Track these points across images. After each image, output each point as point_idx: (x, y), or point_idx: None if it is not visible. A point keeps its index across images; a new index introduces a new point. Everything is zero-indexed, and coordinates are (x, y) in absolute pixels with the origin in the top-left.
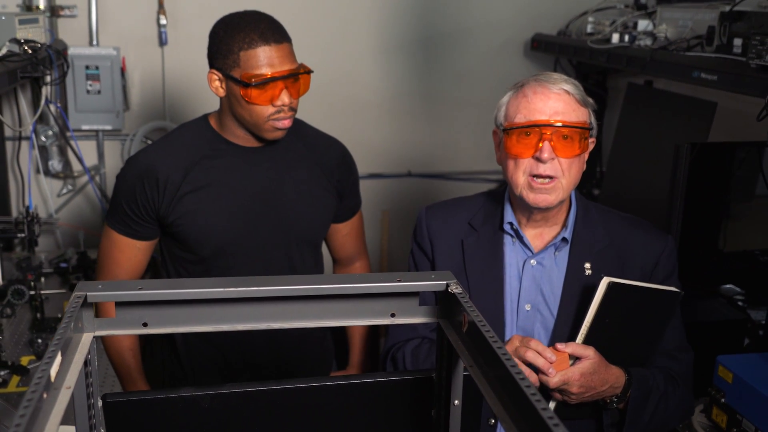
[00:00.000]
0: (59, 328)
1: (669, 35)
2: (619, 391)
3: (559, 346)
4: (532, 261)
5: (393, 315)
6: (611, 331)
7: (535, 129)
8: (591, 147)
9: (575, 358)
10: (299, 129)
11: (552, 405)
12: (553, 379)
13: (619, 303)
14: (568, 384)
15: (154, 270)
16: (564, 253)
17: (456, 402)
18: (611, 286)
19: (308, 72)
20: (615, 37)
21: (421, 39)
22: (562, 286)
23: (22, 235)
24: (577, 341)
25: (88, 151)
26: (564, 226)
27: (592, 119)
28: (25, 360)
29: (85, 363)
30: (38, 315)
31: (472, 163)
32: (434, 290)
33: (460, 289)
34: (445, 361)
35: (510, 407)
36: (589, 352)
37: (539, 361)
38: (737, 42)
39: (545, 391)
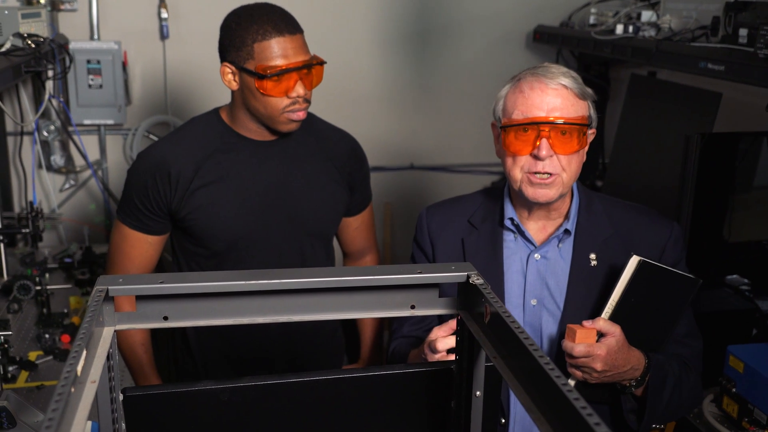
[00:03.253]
0: (83, 323)
1: (673, 26)
2: (639, 374)
3: (586, 323)
4: (535, 255)
5: (413, 307)
6: (634, 312)
7: (533, 126)
8: (591, 138)
9: (600, 336)
10: (311, 122)
11: (571, 383)
12: (578, 347)
13: (646, 283)
14: (592, 358)
15: (160, 269)
16: (568, 245)
17: (478, 393)
18: (641, 265)
19: (321, 63)
20: (619, 28)
21: (424, 31)
22: (568, 278)
23: (27, 230)
24: (602, 317)
25: (90, 145)
26: (566, 218)
27: (592, 111)
28: (32, 355)
29: (108, 357)
30: (44, 310)
31: (474, 156)
32: (455, 281)
33: (481, 281)
34: (466, 352)
35: (537, 398)
36: (616, 329)
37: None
38: (743, 32)
39: (563, 370)
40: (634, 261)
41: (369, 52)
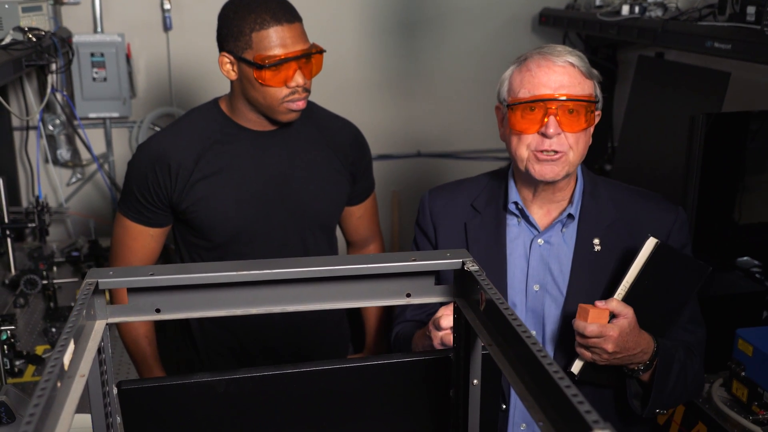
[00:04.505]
0: (71, 316)
1: (680, 5)
2: (647, 358)
3: (599, 303)
4: (539, 240)
5: (408, 295)
6: (646, 295)
7: (540, 104)
8: (597, 120)
9: (612, 317)
10: (311, 111)
11: (578, 365)
12: (591, 327)
13: (660, 267)
14: (604, 339)
15: (165, 258)
16: (572, 230)
17: (475, 381)
18: (658, 247)
19: (321, 51)
20: (625, 9)
21: (430, 16)
22: (571, 263)
23: (33, 224)
24: (615, 298)
25: (96, 139)
26: (570, 202)
27: (598, 91)
28: (39, 349)
29: (99, 350)
30: (51, 304)
31: (481, 142)
32: (450, 269)
33: (476, 267)
34: (463, 340)
35: (531, 385)
36: (629, 311)
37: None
38: (750, 10)
39: (572, 350)
40: (651, 243)
41: (374, 40)
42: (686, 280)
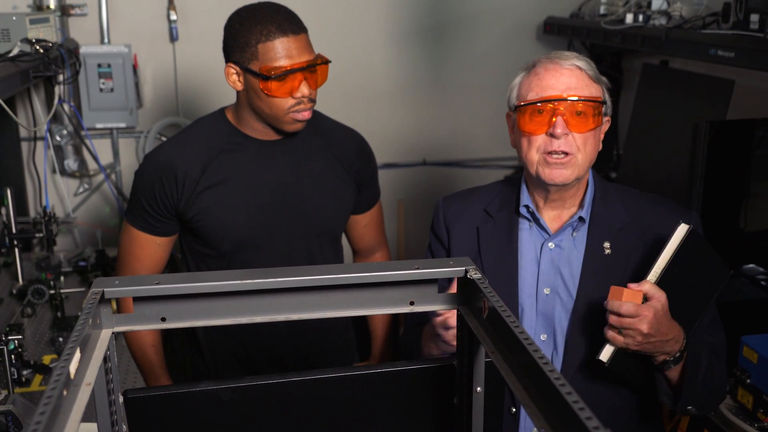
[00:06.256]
0: (77, 325)
1: (684, 13)
2: (678, 348)
3: (632, 285)
4: (549, 244)
5: (412, 303)
6: (674, 286)
7: (548, 105)
8: (606, 126)
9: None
10: (317, 121)
11: (608, 352)
12: (626, 305)
13: (690, 256)
14: (639, 319)
15: (172, 267)
16: (582, 234)
17: (478, 389)
18: (690, 232)
19: (326, 62)
20: (629, 17)
21: (433, 26)
22: (581, 267)
23: (41, 234)
24: (648, 281)
25: (103, 149)
26: (581, 206)
27: (606, 96)
28: (47, 359)
29: (105, 359)
30: (59, 314)
31: (487, 150)
32: (453, 276)
33: (479, 275)
34: (466, 348)
35: (533, 392)
36: (662, 295)
37: None
38: (754, 18)
39: (582, 354)
40: (683, 229)
41: (380, 49)
42: (710, 278)
